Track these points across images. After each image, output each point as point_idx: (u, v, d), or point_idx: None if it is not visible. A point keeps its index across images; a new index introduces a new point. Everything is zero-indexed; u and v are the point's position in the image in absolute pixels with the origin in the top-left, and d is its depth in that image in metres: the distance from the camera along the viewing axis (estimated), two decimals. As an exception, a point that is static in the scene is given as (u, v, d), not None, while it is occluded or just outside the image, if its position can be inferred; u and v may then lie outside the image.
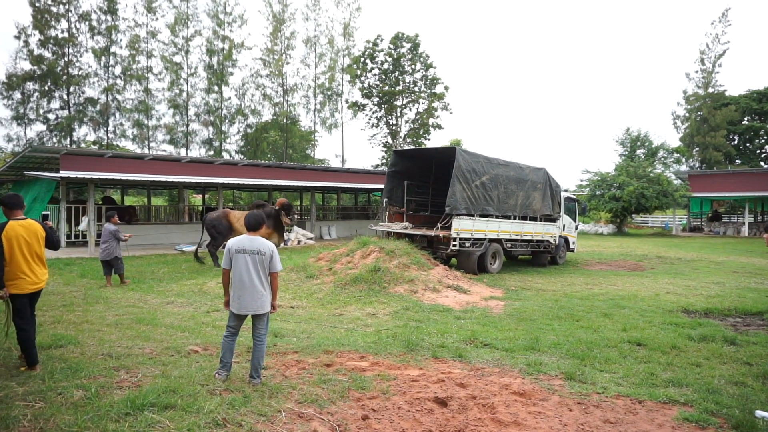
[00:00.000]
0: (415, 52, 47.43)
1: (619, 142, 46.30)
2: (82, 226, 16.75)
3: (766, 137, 53.59)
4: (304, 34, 44.40)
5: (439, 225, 12.34)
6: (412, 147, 46.68)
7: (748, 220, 34.24)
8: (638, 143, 45.38)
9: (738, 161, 53.54)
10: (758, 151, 54.90)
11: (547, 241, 15.37)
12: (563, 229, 16.41)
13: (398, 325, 7.99)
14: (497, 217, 13.51)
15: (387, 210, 14.18)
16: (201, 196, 33.32)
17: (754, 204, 39.08)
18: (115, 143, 37.34)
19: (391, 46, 47.51)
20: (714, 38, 47.23)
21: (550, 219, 15.56)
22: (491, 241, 13.40)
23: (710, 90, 49.25)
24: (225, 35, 39.66)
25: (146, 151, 37.09)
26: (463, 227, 12.49)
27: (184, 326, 7.12)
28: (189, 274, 12.83)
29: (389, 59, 47.69)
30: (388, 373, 5.57)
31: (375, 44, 47.75)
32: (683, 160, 49.72)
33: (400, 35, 47.28)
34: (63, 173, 15.38)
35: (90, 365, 4.81)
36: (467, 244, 12.66)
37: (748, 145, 54.25)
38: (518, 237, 14.25)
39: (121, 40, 37.21)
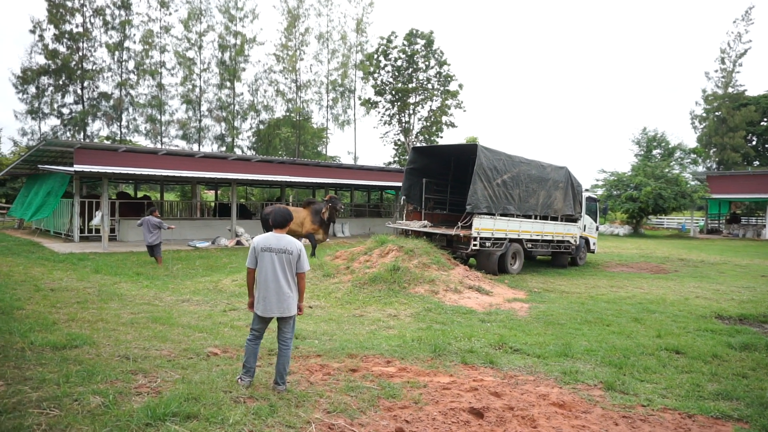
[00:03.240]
0: (429, 48, 47.01)
1: (635, 141, 45.62)
2: (96, 221, 16.62)
3: (784, 139, 52.57)
4: (316, 29, 43.97)
5: (460, 224, 12.02)
6: (431, 144, 46.35)
7: (768, 223, 33.48)
8: (654, 143, 44.67)
9: (756, 163, 52.56)
10: (778, 152, 53.88)
11: (568, 241, 14.98)
12: (584, 230, 16.01)
13: (421, 327, 7.70)
14: (518, 216, 13.15)
15: (405, 208, 13.87)
16: (213, 191, 33.24)
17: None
18: (128, 138, 37.38)
19: (405, 43, 47.13)
20: (736, 37, 46.31)
21: (571, 219, 15.16)
22: (512, 241, 13.04)
23: (730, 90, 48.34)
24: (237, 30, 39.56)
25: (159, 146, 37.08)
26: (484, 226, 12.15)
27: (201, 326, 6.87)
28: (203, 271, 12.62)
29: (403, 56, 47.31)
30: (418, 380, 5.28)
31: (388, 41, 47.40)
32: (699, 160, 48.92)
33: (414, 32, 46.88)
34: (77, 167, 15.24)
35: (106, 368, 4.56)
36: (488, 243, 12.33)
37: (767, 146, 53.22)
38: (539, 237, 13.88)
39: (134, 35, 37.26)
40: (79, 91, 35.82)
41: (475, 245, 11.99)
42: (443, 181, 15.07)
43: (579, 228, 15.50)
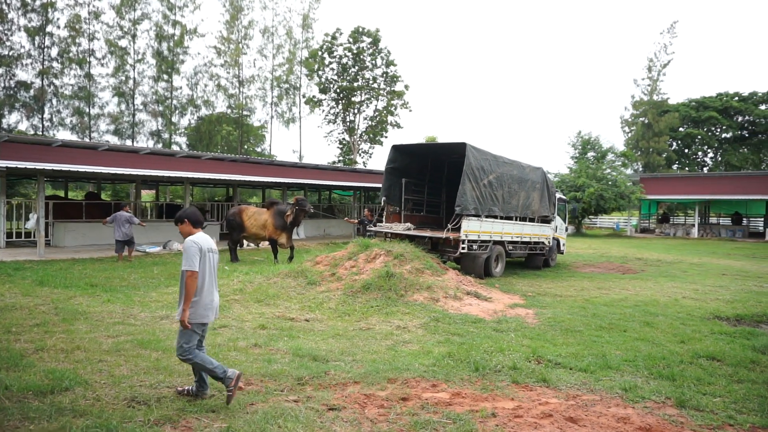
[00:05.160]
0: (375, 47, 46.46)
1: (571, 144, 47.44)
2: (30, 224, 14.58)
3: (700, 144, 56.81)
4: (261, 23, 42.24)
5: (449, 226, 11.49)
6: (410, 143, 45.90)
7: (697, 222, 35.80)
8: (589, 146, 46.69)
9: (676, 165, 56.46)
10: (693, 156, 58.17)
11: (543, 242, 14.89)
12: (556, 231, 16.02)
13: (440, 341, 7.06)
14: (501, 218, 12.84)
15: (385, 209, 13.17)
16: (151, 191, 30.80)
17: (698, 206, 41.02)
18: (51, 133, 33.91)
19: (351, 41, 46.31)
20: (662, 47, 49.31)
21: (545, 220, 15.10)
22: (495, 243, 12.70)
23: (655, 97, 51.41)
24: (176, 20, 37.06)
25: (86, 140, 33.92)
26: (472, 228, 11.70)
27: (201, 350, 5.82)
28: (165, 280, 11.29)
29: (348, 54, 46.45)
30: (481, 406, 4.64)
31: (333, 38, 46.37)
32: (628, 163, 51.73)
33: (360, 29, 46.16)
34: (5, 163, 13.27)
35: (121, 419, 3.55)
36: (474, 246, 11.89)
37: (686, 150, 57.29)
38: (519, 239, 13.66)
39: (58, 19, 33.86)
40: (-8, 79, 32.10)
41: (463, 248, 11.51)
42: (421, 181, 14.50)
43: (552, 229, 15.48)
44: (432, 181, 14.85)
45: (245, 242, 16.31)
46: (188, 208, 4.49)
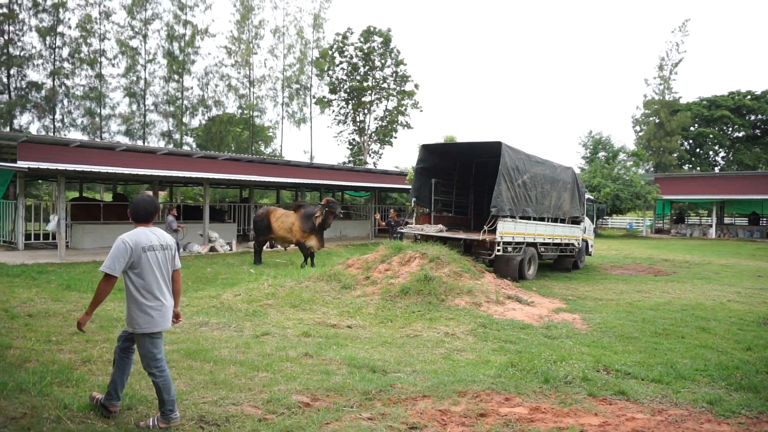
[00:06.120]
0: (386, 47, 46.15)
1: (582, 144, 46.99)
2: (51, 225, 14.33)
3: (712, 143, 56.19)
4: (272, 23, 42.04)
5: (485, 228, 11.14)
6: (440, 142, 45.66)
7: (714, 222, 35.33)
8: (600, 146, 46.21)
9: (687, 165, 55.85)
10: (705, 156, 57.55)
11: (573, 244, 14.53)
12: (584, 232, 15.65)
13: (493, 348, 6.73)
14: (534, 219, 12.50)
15: (415, 210, 12.84)
16: (165, 191, 30.58)
17: (715, 206, 40.51)
18: (63, 133, 33.75)
19: (361, 40, 46.02)
20: (673, 46, 48.80)
21: (575, 221, 14.74)
22: (528, 245, 12.35)
23: (667, 96, 50.89)
24: (187, 20, 36.85)
25: (104, 141, 33.76)
26: (507, 230, 11.36)
27: (253, 361, 5.52)
28: (192, 283, 11.00)
29: (359, 53, 46.15)
30: (566, 423, 4.30)
31: (344, 37, 46.10)
32: (640, 163, 51.20)
33: (371, 29, 45.86)
34: (25, 163, 13.02)
35: (197, 443, 3.22)
36: (509, 248, 11.55)
37: (698, 150, 56.68)
38: (550, 240, 13.31)
39: (69, 19, 33.77)
40: (4, 80, 31.92)
41: (498, 250, 11.17)
42: (450, 181, 14.16)
43: (582, 230, 15.11)
44: (460, 182, 14.51)
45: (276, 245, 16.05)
46: (137, 196, 3.98)
